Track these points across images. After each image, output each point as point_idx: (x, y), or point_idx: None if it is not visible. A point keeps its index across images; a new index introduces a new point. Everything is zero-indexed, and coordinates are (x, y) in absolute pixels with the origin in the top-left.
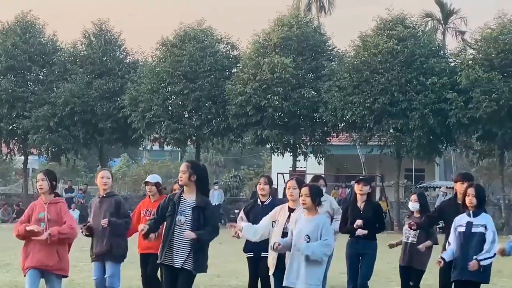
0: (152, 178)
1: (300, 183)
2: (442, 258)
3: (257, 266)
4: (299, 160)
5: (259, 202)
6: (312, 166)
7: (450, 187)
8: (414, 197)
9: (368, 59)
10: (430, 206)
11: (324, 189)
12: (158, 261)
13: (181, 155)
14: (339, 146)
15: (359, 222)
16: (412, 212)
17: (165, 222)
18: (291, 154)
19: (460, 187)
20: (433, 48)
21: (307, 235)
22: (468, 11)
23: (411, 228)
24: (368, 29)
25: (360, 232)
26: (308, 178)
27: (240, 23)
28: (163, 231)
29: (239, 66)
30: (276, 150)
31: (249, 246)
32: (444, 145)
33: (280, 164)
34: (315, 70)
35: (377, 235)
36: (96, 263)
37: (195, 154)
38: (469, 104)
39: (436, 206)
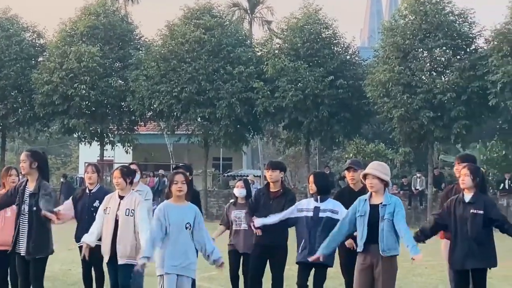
0: None
1: (124, 172)
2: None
3: (89, 255)
4: (107, 150)
5: (87, 191)
6: (120, 155)
7: (257, 176)
8: (240, 183)
9: (175, 48)
10: None
11: (138, 176)
12: (10, 250)
13: None
14: (147, 135)
15: None
16: (237, 198)
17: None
18: (99, 143)
19: (268, 174)
20: (240, 37)
21: (188, 223)
22: (274, 1)
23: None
24: (175, 18)
25: None
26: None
27: (46, 11)
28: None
29: (46, 55)
30: (83, 140)
31: (79, 235)
32: (251, 133)
33: (88, 153)
34: (123, 59)
35: None
36: None
37: (0, 144)
38: (276, 93)
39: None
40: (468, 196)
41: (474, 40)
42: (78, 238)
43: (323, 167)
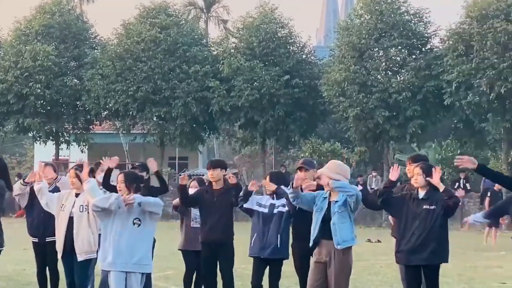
0: None
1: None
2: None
3: (43, 252)
4: (62, 149)
5: None
6: (75, 154)
7: None
8: (194, 183)
9: (131, 47)
10: None
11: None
12: None
13: None
14: (103, 134)
15: None
16: None
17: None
18: (54, 142)
19: (210, 174)
20: (196, 36)
21: (137, 218)
22: (230, 0)
23: None
24: (131, 17)
25: None
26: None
27: (0, 9)
28: None
29: (0, 54)
30: (38, 139)
31: (33, 230)
32: (207, 133)
33: (43, 152)
34: (78, 58)
35: None
36: None
37: None
38: (232, 92)
39: None
40: (422, 193)
41: (430, 39)
42: (32, 235)
43: (279, 166)
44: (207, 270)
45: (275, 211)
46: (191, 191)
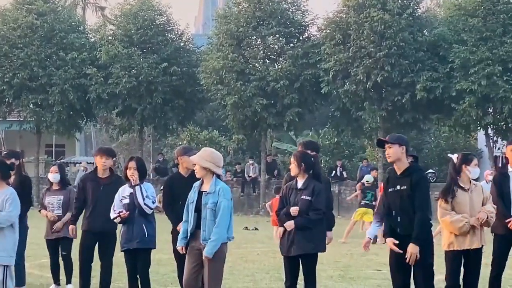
0: None
1: None
2: None
3: None
4: None
5: None
6: None
7: (90, 163)
8: (54, 168)
9: (7, 33)
10: (71, 181)
11: None
12: None
13: None
14: None
15: None
16: (52, 184)
17: None
18: None
19: (98, 161)
20: (73, 23)
21: None
22: None
23: None
24: (7, 3)
25: None
26: None
27: None
28: None
29: None
30: None
31: None
32: (85, 120)
33: None
34: None
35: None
36: None
37: None
38: (109, 79)
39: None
40: (300, 182)
41: (307, 28)
42: None
43: (156, 154)
44: (86, 257)
45: (136, 201)
46: (51, 176)
